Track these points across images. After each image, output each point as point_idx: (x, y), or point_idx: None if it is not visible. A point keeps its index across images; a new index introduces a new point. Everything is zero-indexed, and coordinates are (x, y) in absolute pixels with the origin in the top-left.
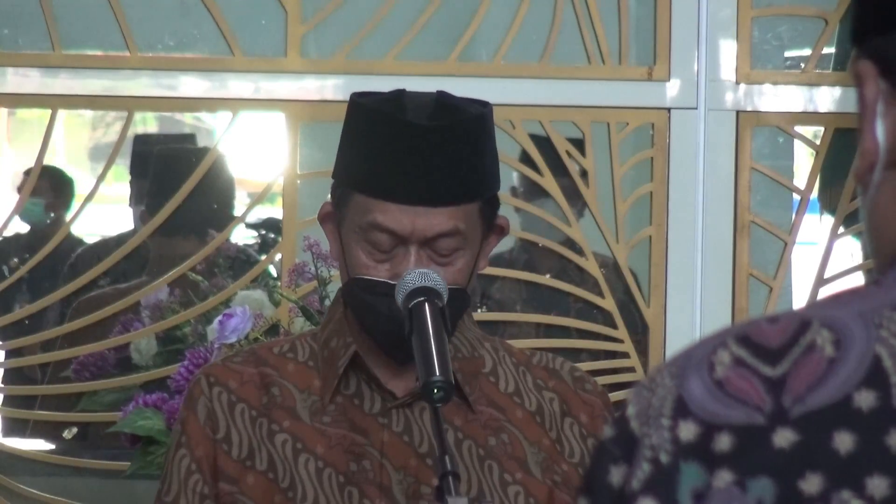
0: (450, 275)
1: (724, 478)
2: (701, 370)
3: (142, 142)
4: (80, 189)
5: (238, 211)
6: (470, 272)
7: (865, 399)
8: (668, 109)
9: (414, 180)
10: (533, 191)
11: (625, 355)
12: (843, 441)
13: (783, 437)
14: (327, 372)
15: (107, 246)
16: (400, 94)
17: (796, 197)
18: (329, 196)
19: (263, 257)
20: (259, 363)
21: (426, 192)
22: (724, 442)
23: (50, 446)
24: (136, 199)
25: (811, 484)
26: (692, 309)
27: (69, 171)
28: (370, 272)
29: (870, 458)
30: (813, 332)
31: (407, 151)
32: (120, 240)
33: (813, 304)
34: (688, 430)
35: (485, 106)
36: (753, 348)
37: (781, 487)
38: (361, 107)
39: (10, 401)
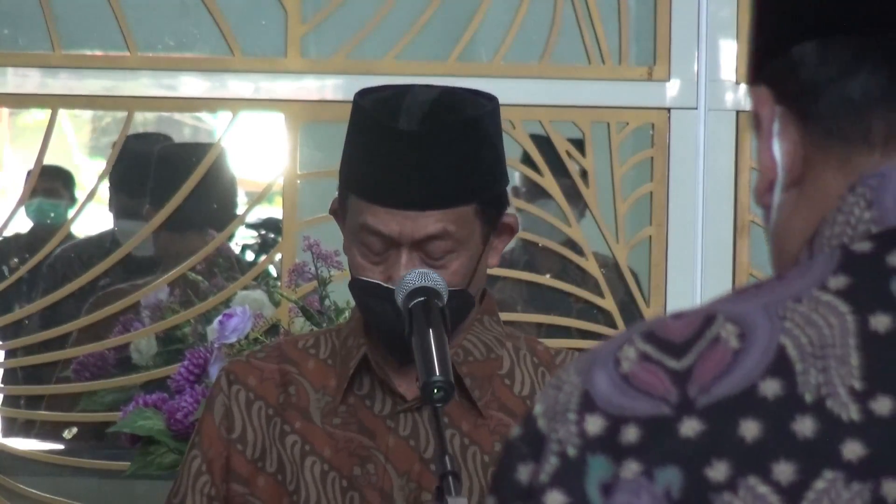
0: (444, 277)
1: (631, 468)
2: (607, 366)
3: (129, 147)
4: (80, 189)
5: (238, 211)
6: (468, 274)
7: (770, 387)
8: (668, 109)
9: (402, 185)
10: (535, 191)
11: None
12: (749, 428)
13: (689, 427)
14: (342, 371)
15: (88, 245)
16: (402, 93)
17: None
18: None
19: (263, 257)
20: (282, 359)
21: (414, 197)
22: (630, 434)
23: (50, 446)
24: (115, 205)
25: (718, 471)
26: None
27: (71, 170)
28: (366, 273)
29: (776, 444)
30: (717, 325)
31: (395, 157)
32: (101, 239)
33: (717, 299)
34: (594, 424)
35: (490, 100)
36: (658, 343)
37: (688, 475)
38: (358, 108)
39: (11, 401)
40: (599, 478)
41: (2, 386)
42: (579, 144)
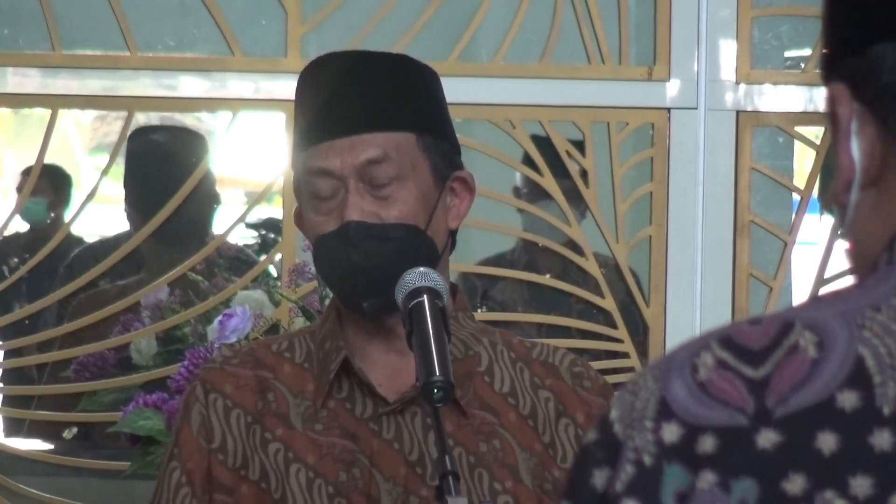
0: (394, 209)
1: (707, 479)
2: (684, 372)
3: (134, 147)
4: (80, 188)
5: (238, 211)
6: (420, 209)
7: (848, 399)
8: (668, 109)
9: (335, 115)
10: (536, 192)
11: (625, 355)
12: (827, 441)
13: (766, 438)
14: (321, 375)
15: (104, 246)
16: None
17: (796, 197)
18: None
19: (263, 257)
20: (256, 365)
21: (349, 121)
22: (707, 443)
23: (50, 446)
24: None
25: (794, 484)
26: (692, 309)
27: (71, 169)
28: (321, 227)
29: (853, 458)
30: (796, 333)
31: (328, 90)
32: (117, 240)
33: (796, 306)
34: (671, 432)
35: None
36: (736, 350)
37: (764, 488)
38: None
39: (10, 401)
40: (675, 487)
41: (2, 386)
42: (579, 144)
